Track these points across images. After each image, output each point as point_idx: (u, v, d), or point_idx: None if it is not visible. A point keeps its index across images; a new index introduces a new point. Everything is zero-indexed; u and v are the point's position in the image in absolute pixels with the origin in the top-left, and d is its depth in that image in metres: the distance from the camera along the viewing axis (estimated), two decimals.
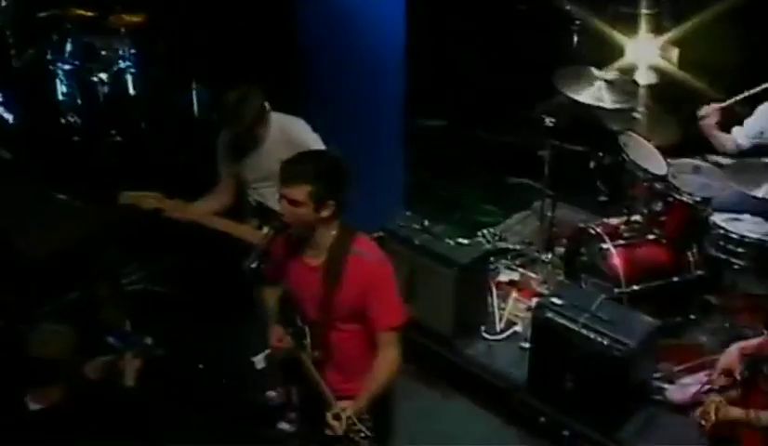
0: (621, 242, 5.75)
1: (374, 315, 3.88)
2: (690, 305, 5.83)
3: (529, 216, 7.38)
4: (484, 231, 7.08)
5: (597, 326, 5.17)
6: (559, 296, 5.43)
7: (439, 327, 5.95)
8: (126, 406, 4.55)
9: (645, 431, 5.26)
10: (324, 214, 3.77)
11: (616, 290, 5.63)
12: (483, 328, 6.07)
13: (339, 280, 3.84)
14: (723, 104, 6.03)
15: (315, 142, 5.11)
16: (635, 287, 5.62)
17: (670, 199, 5.69)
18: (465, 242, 5.98)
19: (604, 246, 5.72)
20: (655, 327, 5.26)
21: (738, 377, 4.33)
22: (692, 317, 5.85)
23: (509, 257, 6.79)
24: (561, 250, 6.51)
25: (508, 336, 6.03)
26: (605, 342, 5.10)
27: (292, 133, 5.12)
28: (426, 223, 6.08)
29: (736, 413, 4.21)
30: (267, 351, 5.38)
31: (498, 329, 6.07)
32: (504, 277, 6.53)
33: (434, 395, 5.83)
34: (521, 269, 6.63)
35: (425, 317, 5.96)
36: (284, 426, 5.42)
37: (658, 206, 5.74)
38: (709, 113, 6.04)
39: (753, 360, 4.31)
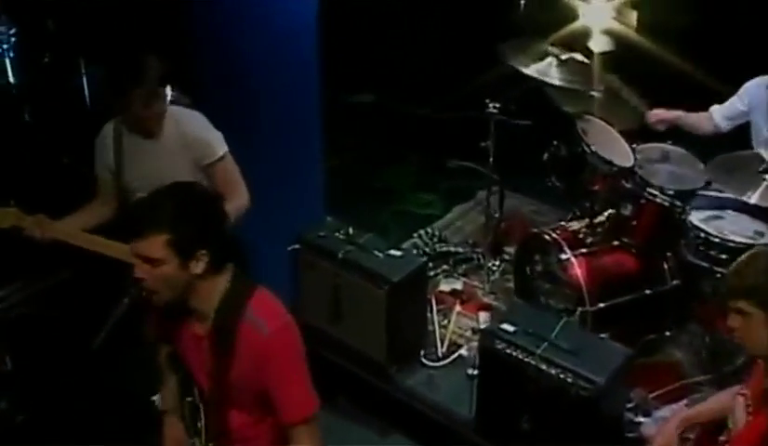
0: (583, 250, 4.85)
1: (275, 404, 2.94)
2: (665, 319, 4.97)
3: (472, 208, 6.48)
4: (421, 232, 6.14)
5: (558, 359, 4.27)
6: (510, 322, 4.52)
7: (371, 353, 5.03)
8: None
9: None
10: (197, 269, 2.81)
11: (579, 309, 4.74)
12: (422, 353, 5.16)
13: (229, 355, 2.89)
14: (668, 114, 5.23)
15: (218, 143, 4.23)
16: (601, 305, 4.74)
17: (641, 200, 4.79)
18: (397, 253, 5.03)
19: (563, 256, 4.82)
20: (628, 357, 4.39)
21: None
22: (667, 333, 4.99)
23: (450, 263, 5.86)
24: (511, 251, 5.62)
25: (452, 361, 5.13)
26: (569, 379, 4.21)
27: (188, 131, 4.21)
28: (351, 231, 5.10)
29: None
30: None
31: (440, 354, 5.16)
32: (445, 286, 5.64)
33: (370, 435, 4.93)
34: (463, 278, 5.72)
35: (354, 341, 5.07)
36: None
37: (627, 209, 4.84)
38: (656, 122, 5.21)
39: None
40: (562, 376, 4.24)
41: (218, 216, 2.87)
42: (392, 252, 5.02)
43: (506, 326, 4.50)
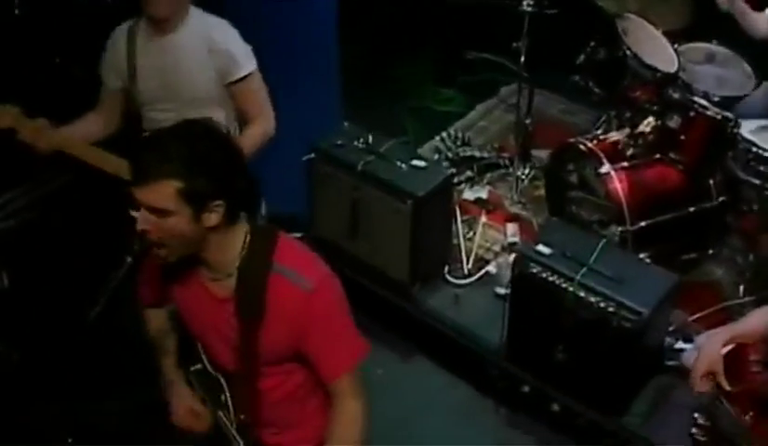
0: (623, 164, 4.46)
1: (316, 361, 2.63)
2: (708, 238, 4.63)
3: (496, 106, 6.06)
4: (443, 135, 5.73)
5: (599, 287, 3.98)
6: (546, 243, 4.20)
7: (392, 271, 4.72)
8: None
9: (656, 410, 4.18)
10: (210, 222, 2.45)
11: (619, 228, 4.40)
12: (447, 269, 4.86)
13: (260, 315, 2.54)
14: None
15: (246, 60, 3.79)
16: (642, 223, 4.38)
17: (690, 112, 4.39)
18: (420, 164, 4.66)
19: (602, 170, 4.44)
20: (675, 285, 4.09)
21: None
22: (710, 252, 4.67)
23: (474, 169, 5.47)
24: (541, 156, 5.25)
25: (479, 278, 4.83)
26: (611, 309, 3.93)
27: (216, 37, 3.76)
28: (370, 139, 4.72)
29: None
30: None
31: (466, 270, 4.86)
32: (469, 194, 5.28)
33: (393, 357, 4.65)
34: (489, 186, 5.36)
35: (374, 258, 4.77)
36: None
37: (674, 121, 4.43)
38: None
39: None
40: (602, 306, 3.95)
41: (236, 162, 2.49)
42: (416, 162, 4.66)
43: (541, 248, 4.19)
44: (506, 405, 4.43)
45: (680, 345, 4.31)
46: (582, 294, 3.99)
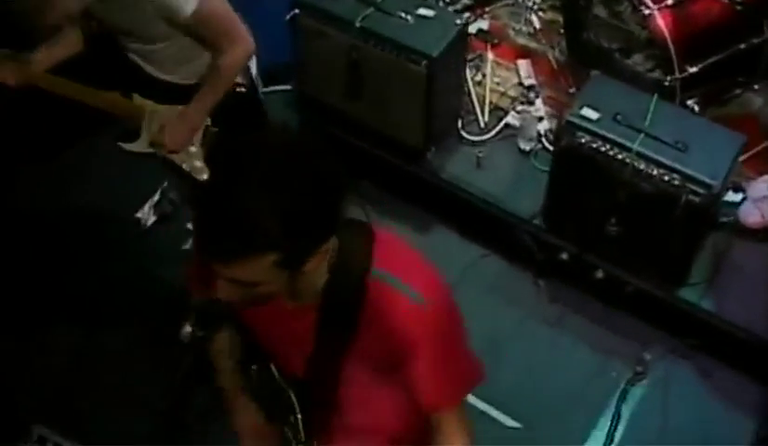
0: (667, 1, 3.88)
1: (419, 386, 2.07)
2: (754, 75, 4.15)
3: None
4: None
5: (660, 157, 3.53)
6: (591, 106, 3.68)
7: (404, 137, 4.18)
8: None
9: (716, 277, 3.87)
10: (311, 268, 1.84)
11: (668, 78, 3.89)
12: (461, 125, 4.31)
13: (353, 329, 1.99)
14: None
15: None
16: (692, 69, 3.87)
17: None
18: (428, 13, 3.99)
19: (645, 11, 3.86)
20: (741, 145, 3.66)
21: None
22: (755, 87, 4.21)
23: None
24: None
25: (499, 132, 4.31)
26: (676, 182, 3.50)
27: None
28: None
29: None
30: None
31: (483, 123, 4.32)
32: (470, 27, 4.60)
33: (410, 232, 4.14)
34: (490, 18, 4.70)
35: (381, 123, 4.21)
36: None
37: None
38: None
39: None
40: (666, 179, 3.52)
41: (334, 181, 1.83)
42: (422, 11, 3.99)
43: (587, 112, 3.68)
44: (544, 276, 4.07)
45: (731, 196, 3.95)
46: (642, 166, 3.55)
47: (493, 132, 4.28)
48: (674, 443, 3.54)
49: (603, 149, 3.60)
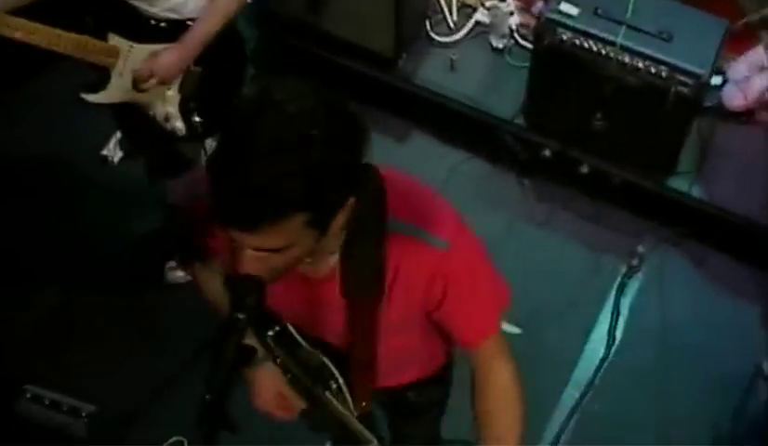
0: None
1: (456, 325, 2.04)
2: None
3: None
4: None
5: (645, 48, 3.45)
6: (571, 0, 3.56)
7: (373, 44, 4.01)
8: None
9: (704, 163, 3.84)
10: (340, 224, 1.74)
11: None
12: (429, 26, 4.15)
13: (378, 291, 1.91)
14: None
15: None
16: None
17: None
18: None
19: None
20: (725, 31, 3.57)
21: None
22: None
23: None
24: None
25: (470, 31, 4.16)
26: (663, 73, 3.43)
27: None
28: None
29: None
30: None
31: (452, 23, 4.17)
32: None
33: (387, 142, 4.05)
34: None
35: (348, 32, 4.03)
36: None
37: None
38: None
39: None
40: (653, 71, 3.45)
41: (358, 135, 1.70)
42: None
43: (566, 8, 3.56)
44: (528, 175, 4.00)
45: (713, 80, 3.88)
46: (627, 59, 3.46)
47: (463, 31, 4.14)
48: (676, 333, 3.58)
49: (587, 45, 3.50)
